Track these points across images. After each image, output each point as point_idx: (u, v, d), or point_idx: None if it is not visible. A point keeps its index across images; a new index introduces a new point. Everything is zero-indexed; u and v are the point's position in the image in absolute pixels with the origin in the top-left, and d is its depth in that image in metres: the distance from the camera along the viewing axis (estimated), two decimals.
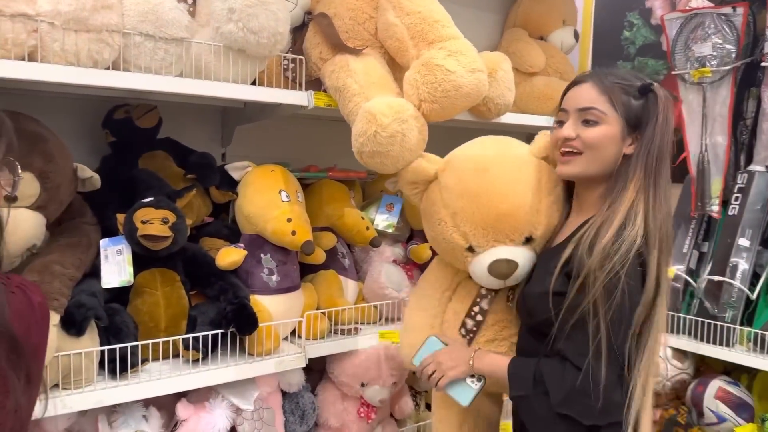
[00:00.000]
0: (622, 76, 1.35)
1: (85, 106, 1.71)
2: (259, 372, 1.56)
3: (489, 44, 2.62)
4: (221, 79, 1.51)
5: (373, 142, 1.47)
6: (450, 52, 1.54)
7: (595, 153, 1.32)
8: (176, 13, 1.43)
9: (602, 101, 1.32)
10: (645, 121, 1.32)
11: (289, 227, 1.57)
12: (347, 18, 1.70)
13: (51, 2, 1.25)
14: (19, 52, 1.25)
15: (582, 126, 1.33)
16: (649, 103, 1.32)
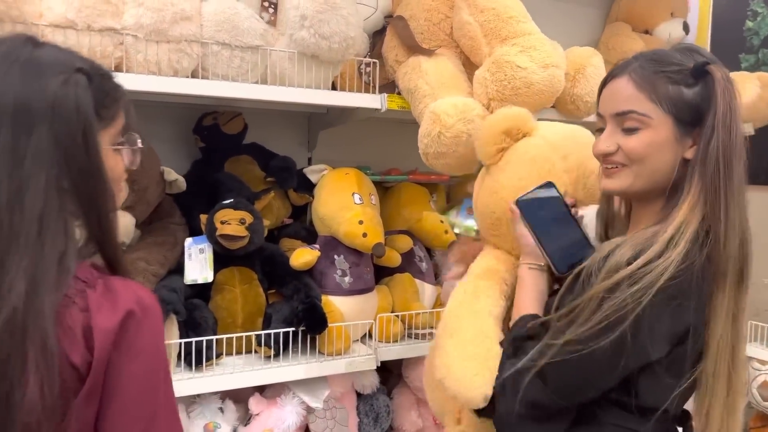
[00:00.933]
0: (670, 58, 1.04)
1: (180, 113, 1.82)
2: (329, 371, 1.58)
3: (590, 40, 2.49)
4: (295, 85, 1.55)
5: (438, 143, 1.44)
6: (523, 48, 1.48)
7: (643, 165, 1.03)
8: (251, 21, 1.48)
9: (642, 100, 1.02)
10: (707, 113, 1.00)
11: (361, 229, 1.58)
12: (422, 19, 1.69)
13: (134, 16, 1.35)
14: (107, 63, 1.36)
15: (622, 135, 1.04)
16: (708, 90, 1.00)
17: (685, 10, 2.47)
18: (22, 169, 0.73)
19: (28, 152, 0.74)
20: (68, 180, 0.77)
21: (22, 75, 0.76)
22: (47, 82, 0.76)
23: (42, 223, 0.74)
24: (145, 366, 0.79)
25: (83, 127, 0.78)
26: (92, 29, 1.32)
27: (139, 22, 1.35)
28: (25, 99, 0.75)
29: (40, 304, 0.71)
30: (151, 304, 0.81)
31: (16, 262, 0.71)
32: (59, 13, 1.30)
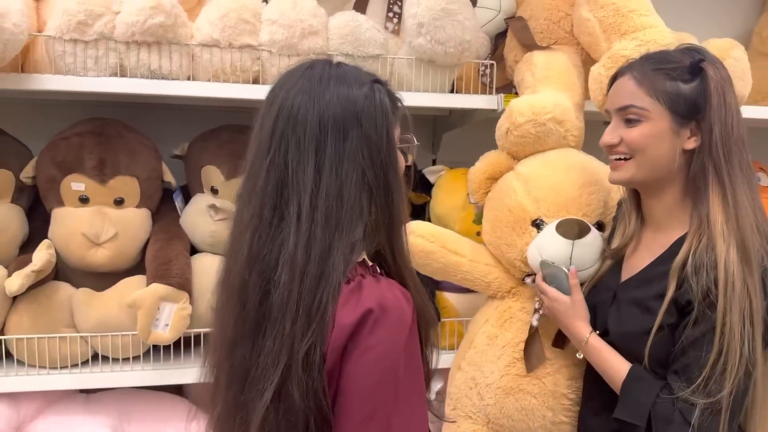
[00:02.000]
0: (669, 57, 1.14)
1: None
2: (442, 365, 1.63)
3: (743, 31, 2.31)
4: (413, 89, 1.64)
5: (505, 139, 1.47)
6: (641, 42, 1.43)
7: (644, 155, 1.14)
8: (372, 32, 1.59)
9: (641, 94, 1.13)
10: (702, 107, 1.09)
11: (475, 228, 1.62)
12: (542, 18, 1.69)
13: (269, 33, 1.51)
14: (246, 77, 1.53)
15: (624, 127, 1.16)
16: (704, 86, 1.09)
17: None
18: (342, 168, 0.86)
19: (345, 154, 0.87)
20: (372, 173, 0.88)
21: (336, 91, 0.89)
22: (356, 93, 0.89)
23: (353, 213, 0.86)
24: (370, 366, 0.83)
25: (387, 126, 0.90)
26: (233, 46, 1.50)
27: (273, 39, 1.51)
28: (342, 110, 0.88)
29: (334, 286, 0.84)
30: (391, 306, 0.85)
31: (339, 247, 0.85)
32: (206, 33, 1.49)
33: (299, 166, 0.86)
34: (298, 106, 0.88)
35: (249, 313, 0.86)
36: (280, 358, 0.82)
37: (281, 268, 0.84)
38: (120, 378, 1.50)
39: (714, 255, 1.05)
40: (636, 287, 1.19)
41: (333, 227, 0.85)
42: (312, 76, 0.91)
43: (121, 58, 1.46)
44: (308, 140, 0.87)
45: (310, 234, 0.84)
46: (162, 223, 1.63)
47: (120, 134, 1.57)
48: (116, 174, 1.54)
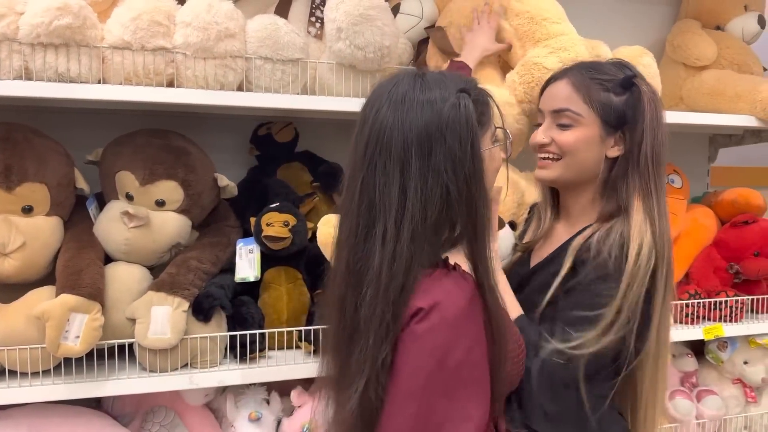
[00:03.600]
0: (604, 69, 1.22)
1: (234, 124, 1.95)
2: None
3: (657, 39, 2.42)
4: (335, 94, 1.64)
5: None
6: (553, 50, 1.49)
7: (573, 158, 1.21)
8: (291, 36, 1.58)
9: (577, 100, 1.20)
10: (630, 120, 1.17)
11: None
12: (461, 26, 1.72)
13: (183, 35, 1.48)
14: (160, 80, 1.50)
15: (557, 129, 1.22)
16: (633, 100, 1.17)
17: (761, 3, 2.33)
18: (426, 186, 0.92)
19: (430, 172, 0.92)
20: (455, 187, 0.92)
21: (420, 109, 0.94)
22: (439, 108, 0.93)
23: (437, 228, 0.93)
24: (411, 355, 0.91)
25: (471, 138, 0.94)
26: (146, 49, 1.47)
27: (187, 41, 1.48)
28: (426, 127, 0.92)
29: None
30: (443, 301, 0.91)
31: (420, 260, 0.92)
32: (117, 35, 1.45)
33: (385, 188, 0.92)
34: (384, 128, 0.94)
35: (347, 323, 0.95)
36: (364, 370, 0.91)
37: (366, 285, 0.92)
38: (29, 393, 1.43)
39: (619, 237, 1.13)
40: (539, 271, 1.27)
41: (418, 244, 0.91)
42: (396, 95, 0.96)
43: (26, 61, 1.40)
44: (394, 161, 0.92)
45: (395, 252, 0.91)
46: (74, 231, 1.57)
47: (27, 139, 1.51)
48: (24, 181, 1.47)
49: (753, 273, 2.05)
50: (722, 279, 2.09)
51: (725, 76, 2.15)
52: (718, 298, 2.02)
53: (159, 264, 1.63)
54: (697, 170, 2.56)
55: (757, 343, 2.10)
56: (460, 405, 0.91)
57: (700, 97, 2.18)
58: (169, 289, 1.50)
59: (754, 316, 2.12)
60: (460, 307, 0.92)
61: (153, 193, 1.57)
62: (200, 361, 1.53)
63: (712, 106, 2.14)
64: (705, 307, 2.02)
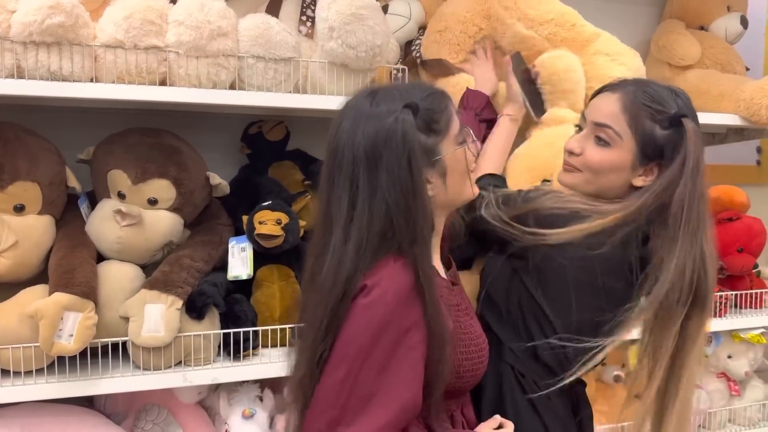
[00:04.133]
0: (658, 97, 1.19)
1: (225, 123, 1.96)
2: None
3: (642, 39, 2.46)
4: (326, 93, 1.65)
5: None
6: (610, 57, 1.53)
7: (596, 176, 1.22)
8: (284, 35, 1.59)
9: (622, 121, 1.19)
10: (668, 156, 1.16)
11: None
12: (458, 31, 1.75)
13: (176, 34, 1.48)
14: (152, 79, 1.50)
15: (593, 142, 1.22)
16: (677, 137, 1.16)
17: (743, 4, 2.37)
18: (373, 200, 0.99)
19: (377, 186, 0.99)
20: (394, 200, 0.98)
21: (368, 125, 1.01)
22: (382, 124, 1.00)
23: (381, 239, 1.00)
24: (349, 326, 0.98)
25: (408, 153, 0.99)
26: (138, 47, 1.47)
27: (180, 40, 1.48)
28: (371, 145, 0.99)
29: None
30: (385, 280, 0.98)
31: (362, 269, 0.99)
32: (110, 34, 1.45)
33: (338, 202, 1.00)
34: (339, 145, 1.02)
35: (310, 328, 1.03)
36: (302, 366, 1.03)
37: (315, 291, 1.02)
38: (23, 392, 1.43)
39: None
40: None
41: (362, 254, 0.98)
42: (351, 112, 1.04)
43: (18, 59, 1.40)
44: (344, 176, 1.00)
45: (340, 262, 0.98)
46: (66, 230, 1.57)
47: (19, 138, 1.51)
48: (16, 179, 1.47)
49: (737, 269, 2.10)
50: None
51: (709, 76, 2.19)
52: None
53: (151, 262, 1.63)
54: None
55: (740, 338, 2.15)
56: (390, 382, 0.96)
57: None
58: (162, 287, 1.51)
59: (738, 311, 2.17)
60: (401, 289, 0.98)
61: (145, 191, 1.57)
62: (194, 358, 1.54)
63: (696, 105, 2.15)
64: None
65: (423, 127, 1.04)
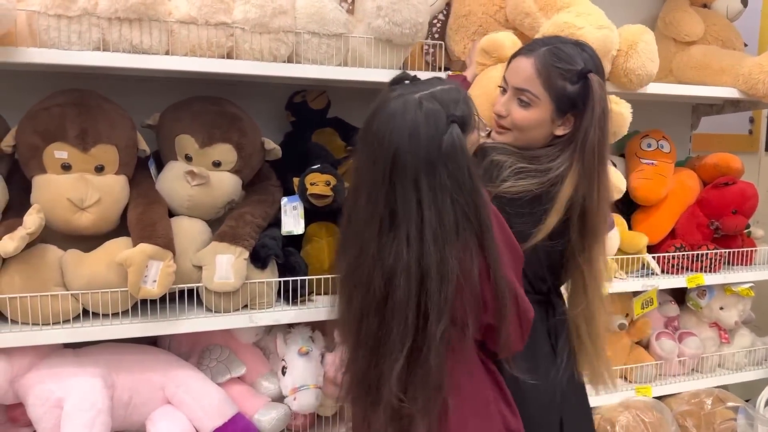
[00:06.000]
0: (566, 56, 1.38)
1: (273, 92, 2.12)
2: None
3: (649, 16, 2.62)
4: (371, 66, 1.82)
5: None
6: (578, 14, 1.68)
7: (523, 133, 1.43)
8: (336, 12, 1.75)
9: (537, 84, 1.39)
10: (579, 107, 1.37)
11: None
12: (480, 13, 1.90)
13: (242, 11, 1.64)
14: (221, 52, 1.66)
15: (516, 104, 1.42)
16: (584, 90, 1.36)
17: None
18: (437, 200, 1.18)
19: (439, 189, 1.17)
20: (462, 199, 1.19)
21: (424, 136, 1.18)
22: (439, 136, 1.18)
23: (455, 230, 1.19)
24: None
25: (467, 162, 1.20)
26: (209, 24, 1.62)
27: (246, 17, 1.64)
28: (430, 153, 1.18)
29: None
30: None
31: (452, 255, 1.18)
32: (184, 11, 1.61)
33: (405, 201, 1.18)
34: (399, 152, 1.18)
35: (375, 296, 1.21)
36: (405, 341, 1.18)
37: (399, 275, 1.17)
38: (109, 331, 1.62)
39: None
40: None
41: (441, 244, 1.17)
42: (404, 124, 1.19)
43: (103, 33, 1.55)
44: (408, 180, 1.18)
45: (423, 252, 1.16)
46: (140, 188, 1.74)
47: (99, 105, 1.66)
48: (97, 142, 1.63)
49: (731, 229, 2.32)
50: (704, 234, 2.35)
51: (711, 51, 2.37)
52: (700, 251, 2.29)
53: (215, 219, 1.81)
54: (681, 137, 2.81)
55: (732, 291, 2.38)
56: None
57: (687, 70, 2.41)
58: (231, 240, 1.69)
59: (731, 267, 2.40)
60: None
61: (210, 154, 1.74)
62: (258, 303, 1.73)
63: (698, 78, 2.37)
64: (688, 258, 2.28)
65: (463, 131, 1.22)
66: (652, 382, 2.31)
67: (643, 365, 2.30)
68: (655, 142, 2.41)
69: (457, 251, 1.18)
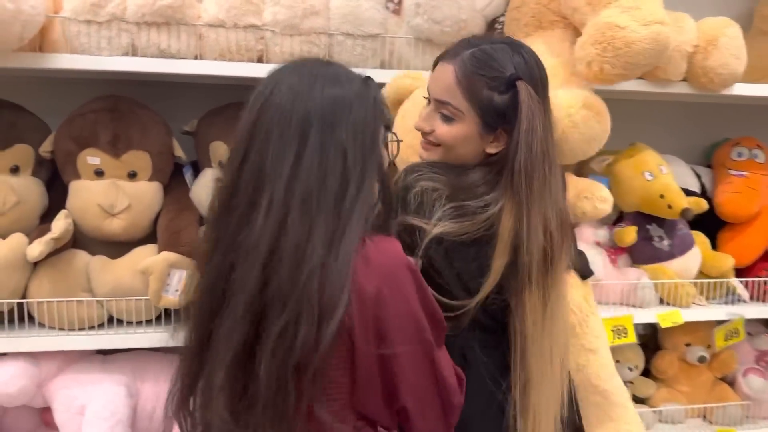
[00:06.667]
0: (492, 62, 1.15)
1: None
2: None
3: (745, 9, 2.33)
4: (412, 68, 1.70)
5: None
6: (624, 9, 1.48)
7: (450, 150, 1.20)
8: (372, 12, 1.65)
9: (459, 96, 1.16)
10: (510, 121, 1.13)
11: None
12: (533, 3, 1.74)
13: (272, 13, 1.58)
14: (251, 57, 1.61)
15: (439, 118, 1.20)
16: (515, 100, 1.13)
17: None
18: (326, 158, 0.91)
19: (332, 144, 0.92)
20: (352, 154, 0.92)
21: (326, 87, 0.95)
22: (347, 89, 0.96)
23: (337, 199, 0.91)
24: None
25: (374, 114, 0.97)
26: (238, 26, 1.58)
27: (276, 19, 1.58)
28: (332, 105, 0.93)
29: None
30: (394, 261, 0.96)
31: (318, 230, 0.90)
32: (213, 14, 1.57)
33: (278, 155, 0.91)
34: (286, 100, 0.93)
35: (216, 294, 0.94)
36: (232, 344, 0.90)
37: (243, 257, 0.90)
38: (134, 339, 1.59)
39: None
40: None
41: (313, 213, 0.90)
42: (302, 73, 0.96)
43: (132, 38, 1.54)
44: (293, 131, 0.91)
45: (284, 221, 0.89)
46: (173, 195, 1.72)
47: (132, 111, 1.66)
48: (129, 149, 1.63)
49: None
50: None
51: None
52: None
53: None
54: None
55: None
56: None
57: None
58: None
59: None
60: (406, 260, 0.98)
61: None
62: None
63: None
64: None
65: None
66: (738, 425, 2.02)
67: (727, 405, 2.02)
68: (747, 151, 2.13)
69: (333, 227, 0.90)
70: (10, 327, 1.57)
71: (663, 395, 2.04)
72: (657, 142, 2.05)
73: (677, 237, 1.97)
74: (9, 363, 1.53)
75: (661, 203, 1.90)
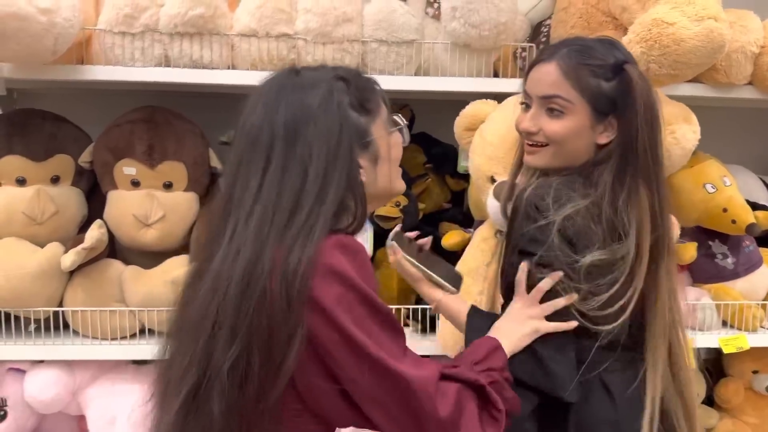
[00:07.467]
0: (594, 52, 1.13)
1: None
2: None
3: None
4: (449, 74, 1.63)
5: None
6: (674, 5, 1.37)
7: (561, 147, 1.15)
8: (407, 17, 1.60)
9: (567, 87, 1.12)
10: (621, 107, 1.11)
11: None
12: (580, 3, 1.65)
13: (304, 21, 1.55)
14: (283, 65, 1.58)
15: (545, 116, 1.15)
16: (623, 85, 1.11)
17: None
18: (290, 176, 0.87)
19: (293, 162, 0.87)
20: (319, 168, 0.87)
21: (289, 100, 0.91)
22: (310, 95, 0.91)
23: (292, 216, 0.86)
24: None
25: (340, 121, 0.90)
26: (270, 36, 1.55)
27: (308, 27, 1.55)
28: (294, 115, 0.89)
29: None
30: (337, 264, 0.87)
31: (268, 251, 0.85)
32: (245, 23, 1.55)
33: (247, 178, 0.88)
34: (255, 125, 0.91)
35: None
36: (187, 376, 0.86)
37: (204, 284, 0.88)
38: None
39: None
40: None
41: (266, 234, 0.85)
42: (270, 92, 0.93)
43: (165, 49, 1.54)
44: (258, 154, 0.89)
45: (241, 244, 0.86)
46: (208, 206, 1.71)
47: (168, 122, 1.67)
48: (164, 159, 1.63)
49: None
50: None
51: None
52: None
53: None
54: None
55: None
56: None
57: None
58: None
59: None
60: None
61: None
62: None
63: None
64: None
65: (355, 105, 0.94)
66: None
67: None
68: None
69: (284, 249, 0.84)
70: (47, 335, 1.60)
71: (727, 426, 1.89)
72: (721, 151, 1.89)
73: (743, 255, 1.82)
74: (44, 370, 1.56)
75: (724, 218, 1.75)
